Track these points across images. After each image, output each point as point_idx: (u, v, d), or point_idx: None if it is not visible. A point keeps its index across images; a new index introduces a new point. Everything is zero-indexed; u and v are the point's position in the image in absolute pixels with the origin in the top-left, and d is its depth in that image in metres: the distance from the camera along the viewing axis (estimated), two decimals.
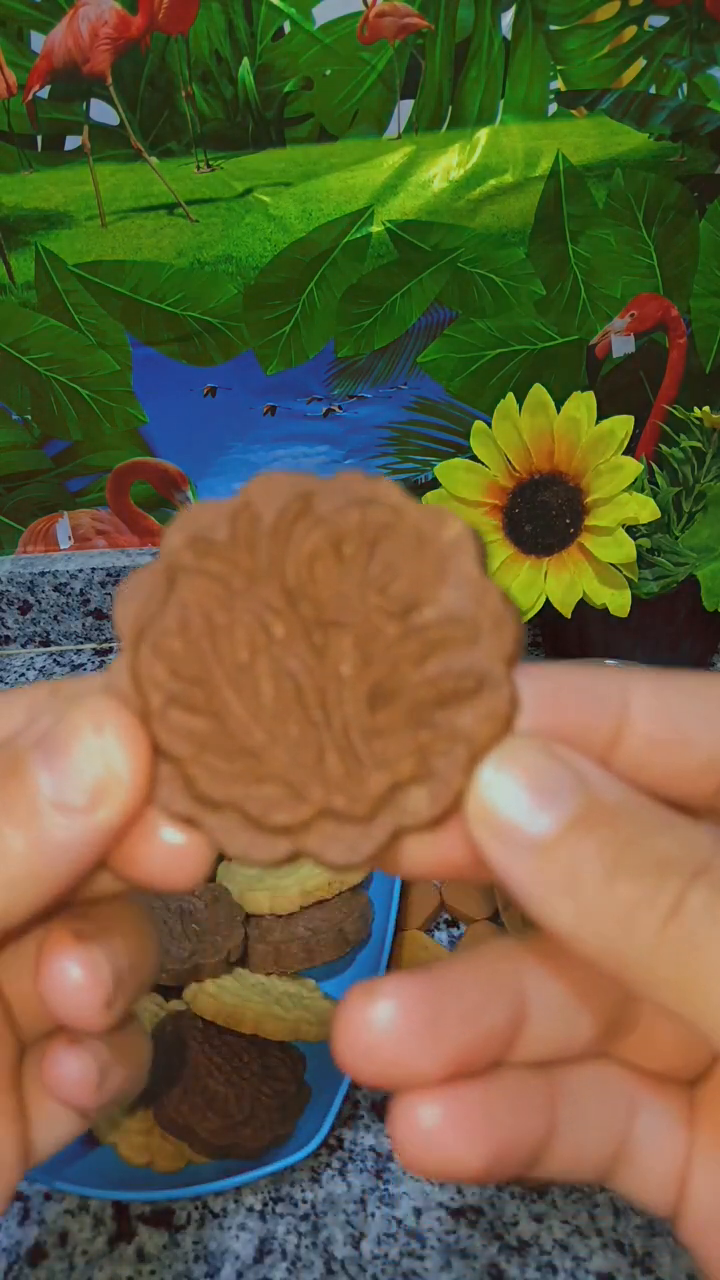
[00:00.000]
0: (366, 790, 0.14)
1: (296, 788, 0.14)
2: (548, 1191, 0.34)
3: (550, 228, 0.52)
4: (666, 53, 0.49)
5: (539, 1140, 0.15)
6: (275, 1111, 0.33)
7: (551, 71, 0.49)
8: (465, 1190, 0.34)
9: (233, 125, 0.49)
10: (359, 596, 0.14)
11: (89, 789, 0.14)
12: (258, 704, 0.14)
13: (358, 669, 0.14)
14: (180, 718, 0.14)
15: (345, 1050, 0.14)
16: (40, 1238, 0.34)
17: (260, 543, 0.15)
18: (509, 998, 0.15)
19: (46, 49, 0.48)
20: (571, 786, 0.14)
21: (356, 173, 0.50)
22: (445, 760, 0.14)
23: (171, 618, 0.15)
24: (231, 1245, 0.33)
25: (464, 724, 0.14)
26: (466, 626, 0.14)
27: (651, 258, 0.53)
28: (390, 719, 0.14)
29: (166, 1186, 0.32)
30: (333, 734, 0.14)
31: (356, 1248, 0.33)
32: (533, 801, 0.13)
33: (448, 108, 0.49)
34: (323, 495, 0.15)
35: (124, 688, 0.14)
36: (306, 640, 0.14)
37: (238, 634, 0.14)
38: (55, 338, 0.55)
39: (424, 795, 0.14)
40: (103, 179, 0.51)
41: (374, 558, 0.15)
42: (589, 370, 0.56)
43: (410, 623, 0.14)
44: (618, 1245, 0.33)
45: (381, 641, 0.14)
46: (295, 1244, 0.33)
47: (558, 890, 0.13)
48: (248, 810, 0.14)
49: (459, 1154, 0.14)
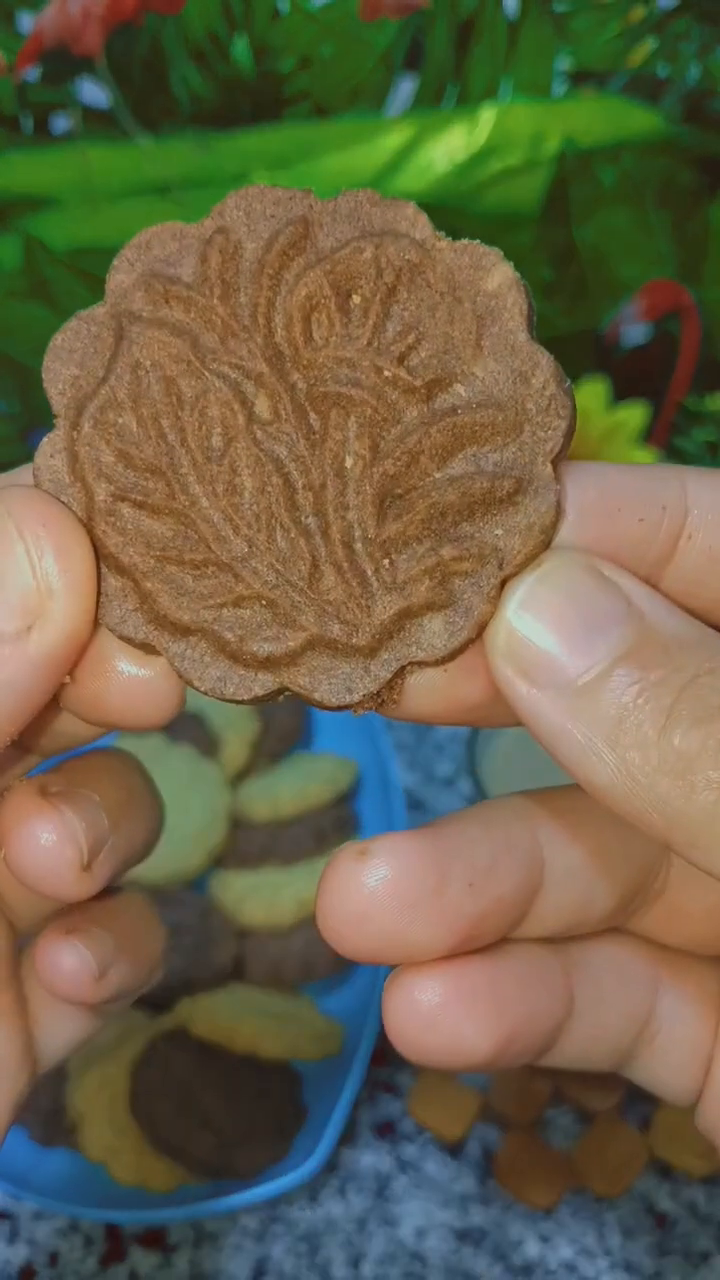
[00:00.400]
0: (370, 618, 0.11)
1: (283, 611, 0.11)
2: (555, 1211, 0.33)
3: (558, 211, 0.51)
4: (676, 33, 0.48)
5: (554, 1022, 0.14)
6: (271, 1132, 0.32)
7: (558, 51, 0.48)
8: (469, 1210, 0.33)
9: (228, 106, 0.48)
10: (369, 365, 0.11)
11: (17, 608, 0.11)
12: (234, 503, 0.11)
13: (365, 462, 0.11)
14: (134, 517, 0.11)
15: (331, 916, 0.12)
16: (30, 1258, 0.33)
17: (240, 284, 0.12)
18: (523, 861, 0.13)
19: (37, 29, 0.46)
20: (619, 614, 0.11)
21: (356, 153, 0.50)
22: (469, 583, 0.11)
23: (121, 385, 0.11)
24: (227, 1266, 0.33)
25: (495, 538, 0.11)
26: (507, 411, 0.11)
27: (663, 243, 0.52)
28: (403, 528, 0.11)
29: (159, 1207, 0.32)
30: (330, 545, 0.11)
31: (356, 1269, 0.32)
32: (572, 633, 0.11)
33: (451, 88, 0.48)
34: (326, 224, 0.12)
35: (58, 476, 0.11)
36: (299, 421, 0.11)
37: (209, 409, 0.11)
38: (42, 326, 0.54)
39: (440, 626, 0.11)
40: (94, 161, 0.50)
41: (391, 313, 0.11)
42: (599, 358, 0.55)
43: (436, 404, 0.11)
44: (627, 1266, 0.32)
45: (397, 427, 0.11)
46: (293, 1265, 0.33)
47: (599, 739, 0.11)
48: (222, 636, 0.11)
49: (464, 1036, 0.13)
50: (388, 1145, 0.35)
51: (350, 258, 0.11)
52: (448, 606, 0.11)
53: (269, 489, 0.11)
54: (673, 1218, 0.33)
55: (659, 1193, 0.33)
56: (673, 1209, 0.33)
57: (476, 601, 0.11)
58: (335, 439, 0.11)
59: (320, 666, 0.12)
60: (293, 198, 0.12)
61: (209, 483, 0.11)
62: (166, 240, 0.12)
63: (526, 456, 0.11)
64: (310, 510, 0.11)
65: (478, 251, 0.12)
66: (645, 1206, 0.33)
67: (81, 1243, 0.34)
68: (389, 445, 0.11)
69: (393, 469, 0.11)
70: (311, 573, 0.11)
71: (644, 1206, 0.33)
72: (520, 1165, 0.34)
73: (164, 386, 0.11)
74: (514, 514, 0.11)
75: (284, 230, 0.12)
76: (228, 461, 0.11)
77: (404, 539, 0.11)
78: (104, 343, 0.12)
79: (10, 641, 0.11)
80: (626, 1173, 0.33)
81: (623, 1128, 0.34)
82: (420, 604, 0.11)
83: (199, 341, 0.12)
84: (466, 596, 0.11)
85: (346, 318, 0.11)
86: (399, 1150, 0.35)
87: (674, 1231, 0.32)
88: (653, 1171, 0.34)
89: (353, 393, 0.11)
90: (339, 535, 0.11)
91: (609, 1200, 0.33)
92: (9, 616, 0.11)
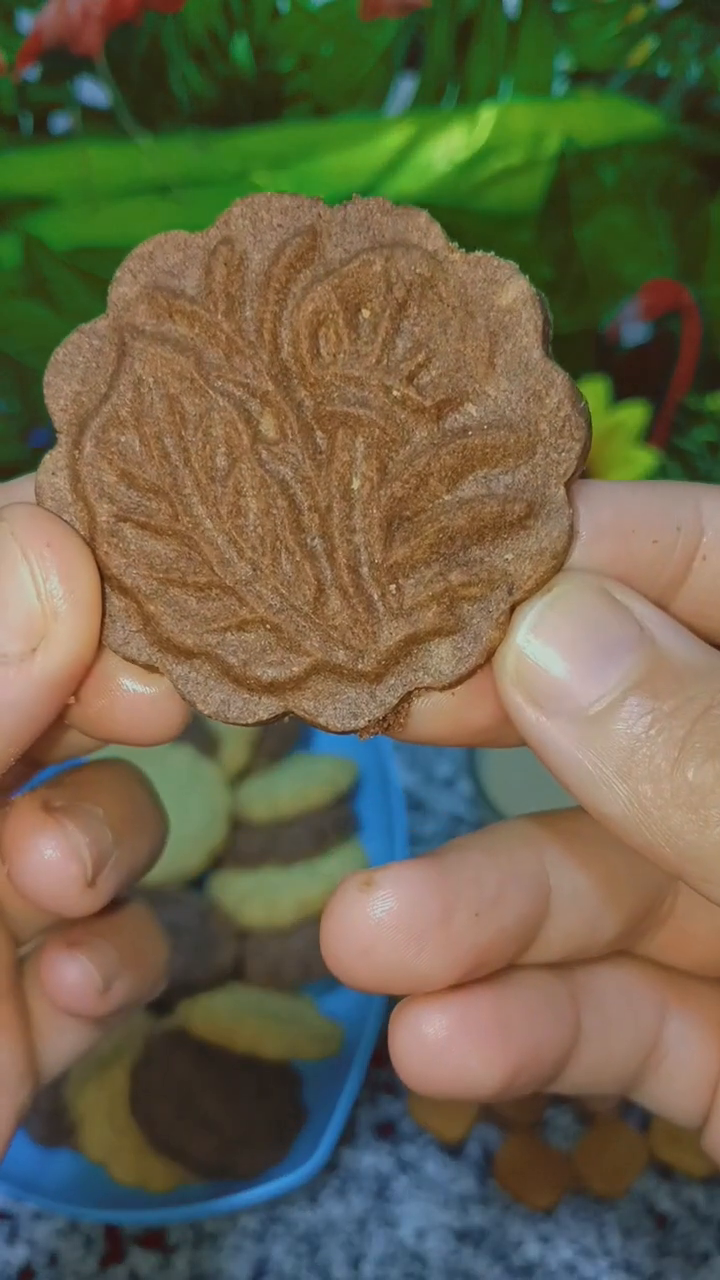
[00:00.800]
0: (376, 643, 0.11)
1: (287, 635, 0.11)
2: (555, 1211, 0.33)
3: (558, 210, 0.51)
4: (677, 32, 0.48)
5: (561, 1051, 0.13)
6: (271, 1132, 0.32)
7: (559, 50, 0.47)
8: (469, 1210, 0.33)
9: (228, 105, 0.48)
10: (378, 384, 0.11)
11: (22, 630, 0.11)
12: (239, 525, 0.11)
13: (372, 484, 0.11)
14: (137, 538, 0.11)
15: (336, 948, 0.12)
16: (30, 1258, 0.33)
17: (245, 297, 0.11)
18: (530, 889, 0.13)
19: (36, 28, 0.46)
20: (631, 641, 0.11)
21: (356, 152, 0.50)
22: (478, 609, 0.11)
23: (124, 402, 0.11)
24: (227, 1267, 0.33)
25: (505, 562, 0.11)
26: (520, 432, 0.11)
27: (663, 242, 0.52)
28: (411, 552, 0.11)
29: (159, 1207, 0.31)
30: (336, 569, 0.11)
31: (356, 1270, 0.32)
32: (584, 660, 0.11)
33: (451, 88, 0.48)
34: (335, 234, 0.11)
35: (60, 495, 0.11)
36: (305, 440, 0.11)
37: (213, 428, 0.11)
38: (42, 325, 0.54)
39: (448, 652, 0.11)
40: (93, 161, 0.50)
41: (401, 330, 0.11)
42: (599, 357, 0.55)
43: (446, 425, 0.11)
44: (627, 1266, 0.32)
45: (406, 448, 0.11)
46: (293, 1266, 0.32)
47: (610, 770, 0.10)
48: (225, 660, 0.11)
49: (471, 1069, 0.12)
50: (388, 1146, 0.35)
51: (359, 271, 0.11)
52: (456, 632, 0.11)
53: (274, 511, 0.11)
54: (673, 1218, 0.33)
55: (659, 1193, 0.33)
56: (673, 1209, 0.33)
57: (485, 627, 0.11)
58: (342, 460, 0.11)
59: (325, 691, 0.11)
60: (300, 206, 0.12)
61: (213, 504, 0.11)
62: (170, 251, 0.12)
63: (539, 479, 0.11)
64: (316, 532, 0.11)
65: (492, 265, 0.11)
66: (645, 1207, 0.33)
67: (81, 1243, 0.33)
68: (397, 467, 0.11)
69: (401, 491, 0.11)
70: (317, 597, 0.11)
71: (644, 1207, 0.33)
72: (520, 1166, 0.34)
73: (167, 404, 0.11)
74: (525, 538, 0.11)
75: (291, 241, 0.11)
76: (232, 482, 0.11)
77: (411, 563, 0.11)
78: (106, 358, 0.11)
79: (14, 663, 0.11)
80: (626, 1173, 0.33)
81: (623, 1128, 0.34)
82: (428, 630, 0.11)
83: (203, 358, 0.11)
84: (475, 622, 0.11)
85: (355, 333, 0.11)
86: (399, 1151, 0.35)
87: (674, 1232, 0.32)
88: (653, 1172, 0.34)
89: (360, 413, 0.11)
90: (345, 559, 0.11)
91: (609, 1201, 0.33)
92: (13, 638, 0.11)
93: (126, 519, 0.11)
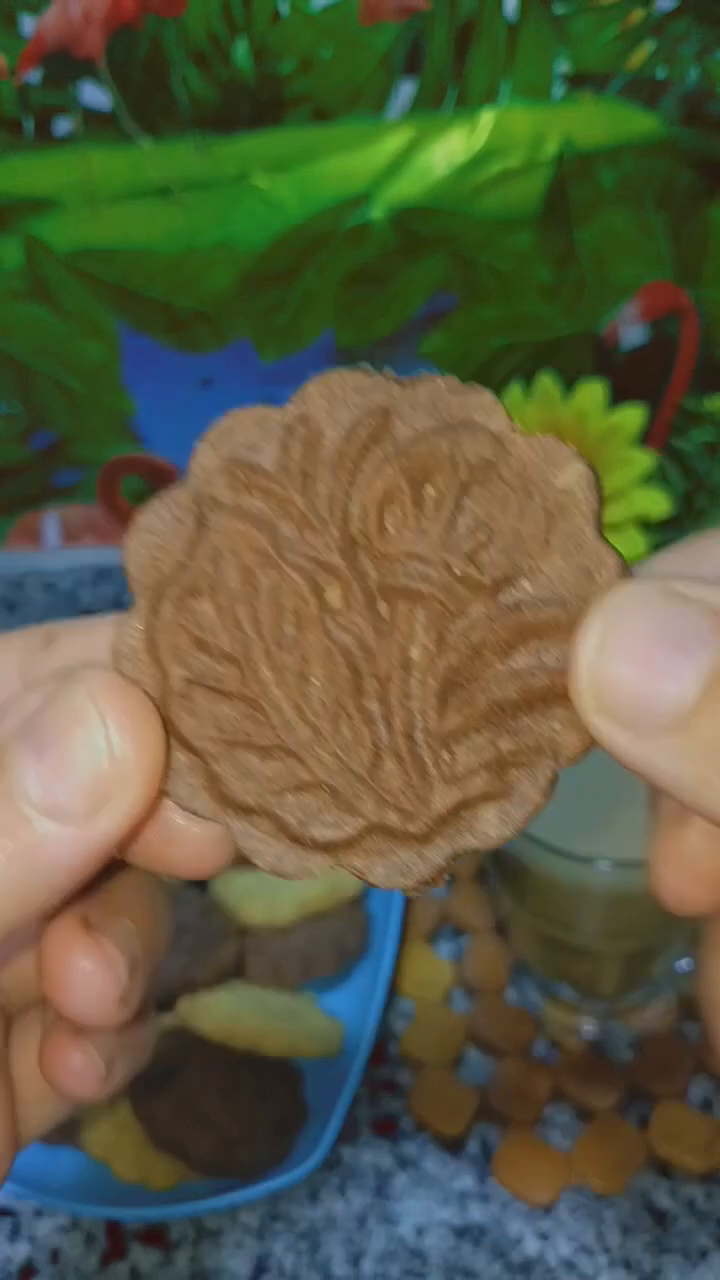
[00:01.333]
0: (428, 808, 0.12)
1: (344, 798, 0.12)
2: (553, 1208, 0.33)
3: (557, 213, 0.51)
4: (675, 35, 0.48)
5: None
6: (271, 1129, 0.33)
7: (557, 53, 0.48)
8: (469, 1207, 0.33)
9: (228, 108, 0.49)
10: (439, 560, 0.11)
11: (88, 791, 0.11)
12: (303, 691, 0.12)
13: (429, 654, 0.12)
14: (207, 702, 0.12)
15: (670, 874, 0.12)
16: (31, 1255, 0.33)
17: (319, 474, 0.12)
18: None
19: (38, 32, 0.47)
20: (705, 631, 0.10)
21: (356, 156, 0.50)
22: (525, 775, 0.11)
23: (201, 571, 0.12)
24: (228, 1264, 0.33)
25: (553, 731, 0.11)
26: (571, 609, 0.11)
27: (662, 244, 0.52)
28: (464, 720, 0.12)
29: (160, 1204, 0.32)
30: (392, 735, 0.12)
31: (356, 1266, 0.32)
32: (657, 662, 0.10)
33: (450, 91, 0.48)
34: (405, 413, 0.12)
35: (137, 658, 0.12)
36: (369, 610, 0.12)
37: (284, 599, 0.12)
38: (43, 326, 0.54)
39: (494, 815, 0.12)
40: (94, 163, 0.50)
41: (463, 508, 0.12)
42: (598, 360, 0.55)
43: (503, 599, 0.11)
44: (625, 1263, 0.32)
45: (463, 620, 0.11)
46: (293, 1263, 0.33)
47: (713, 770, 0.10)
48: (284, 819, 0.12)
49: None
50: (388, 1143, 0.35)
51: (427, 452, 0.12)
52: (503, 797, 0.12)
53: (337, 679, 0.12)
54: (671, 1215, 0.33)
55: (658, 1190, 0.33)
56: (671, 1206, 0.33)
57: (531, 793, 0.12)
58: (403, 630, 0.12)
59: (376, 849, 0.12)
60: (375, 385, 0.12)
61: (279, 670, 0.12)
62: (249, 426, 0.12)
63: None
64: (375, 698, 0.12)
65: (551, 446, 0.12)
66: (644, 1204, 0.33)
67: (83, 1240, 0.34)
68: (454, 638, 0.12)
69: (456, 661, 0.12)
70: (373, 760, 0.12)
71: (643, 1204, 0.33)
72: (519, 1163, 0.34)
73: (241, 576, 0.12)
74: (572, 708, 0.11)
75: (364, 421, 0.12)
76: (299, 650, 0.12)
77: (464, 730, 0.12)
78: (185, 527, 0.12)
79: (76, 821, 0.11)
80: (625, 1170, 0.34)
81: (622, 1125, 0.35)
82: (477, 795, 0.12)
83: (277, 532, 0.12)
84: (522, 787, 0.12)
85: (420, 510, 0.12)
86: (399, 1148, 0.35)
87: (673, 1229, 0.33)
88: (651, 1169, 0.34)
89: (422, 587, 0.12)
90: (401, 725, 0.12)
91: (608, 1198, 0.33)
92: (79, 798, 0.11)
93: (198, 683, 0.12)
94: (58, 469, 0.59)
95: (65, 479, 0.59)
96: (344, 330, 0.54)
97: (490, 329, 0.54)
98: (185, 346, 0.55)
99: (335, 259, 0.52)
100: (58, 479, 0.59)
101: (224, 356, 0.55)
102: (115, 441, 0.58)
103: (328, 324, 0.54)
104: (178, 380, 0.55)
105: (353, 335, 0.54)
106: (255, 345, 0.55)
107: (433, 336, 0.55)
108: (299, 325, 0.54)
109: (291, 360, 0.55)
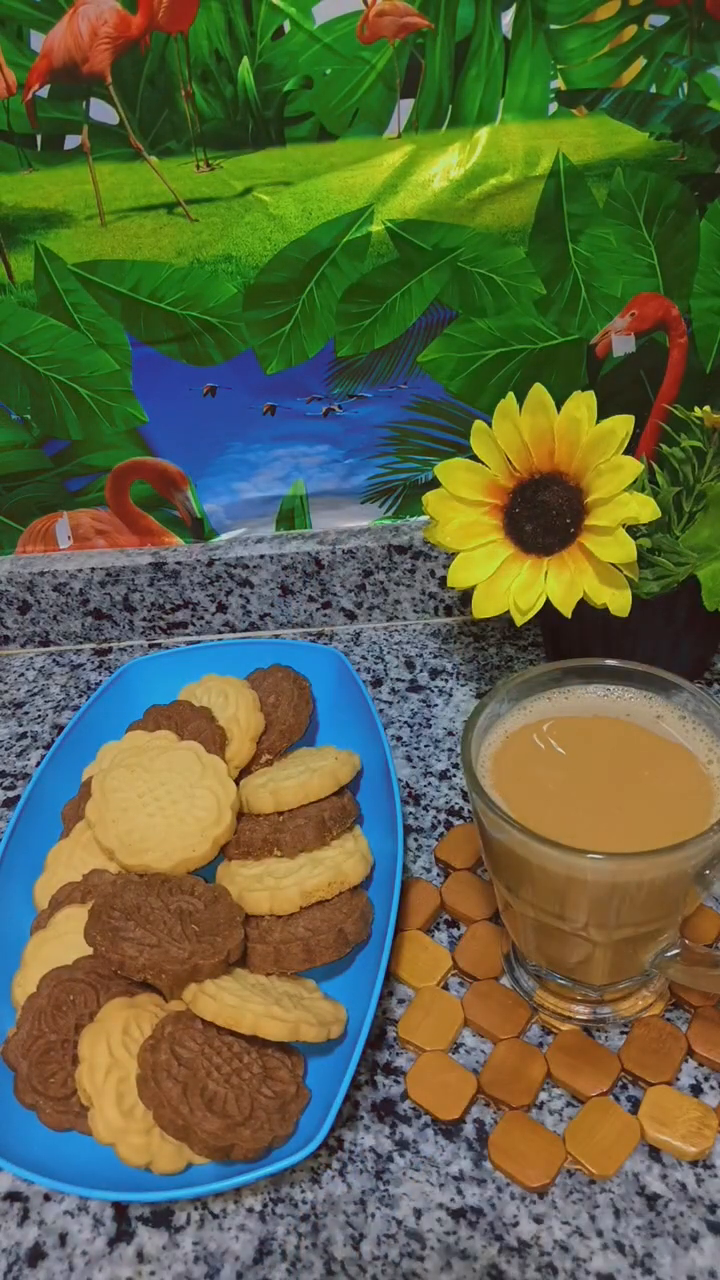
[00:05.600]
0: None
1: None
2: (547, 1193, 0.34)
3: (551, 227, 0.52)
4: (667, 52, 0.49)
5: None
6: (275, 1112, 0.33)
7: (552, 70, 0.48)
8: (465, 1191, 0.34)
9: (232, 124, 0.49)
10: None
11: None
12: None
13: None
14: None
15: None
16: (39, 1238, 0.34)
17: None
18: None
19: (46, 48, 0.47)
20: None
21: (356, 172, 0.50)
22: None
23: None
24: (231, 1246, 0.33)
25: None
26: None
27: (652, 257, 0.53)
28: None
29: (166, 1187, 0.32)
30: None
31: (356, 1249, 0.33)
32: None
33: (448, 107, 0.49)
34: None
35: None
36: None
37: None
38: (54, 337, 0.55)
39: None
40: (102, 178, 0.51)
41: None
42: (589, 369, 0.56)
43: None
44: (618, 1246, 0.32)
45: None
46: (295, 1245, 0.33)
47: None
48: None
49: None
50: (387, 1127, 0.36)
51: None
52: None
53: None
54: (663, 1199, 0.33)
55: (650, 1174, 0.34)
56: (663, 1190, 0.33)
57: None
58: None
59: None
60: None
61: None
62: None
63: None
64: None
65: None
66: (636, 1188, 0.33)
67: (90, 1223, 0.34)
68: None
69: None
70: None
71: (635, 1188, 0.33)
72: (514, 1146, 0.34)
73: None
74: None
75: None
76: None
77: None
78: None
79: None
80: (617, 1154, 0.34)
81: (614, 1110, 0.35)
82: None
83: None
84: None
85: None
86: (398, 1131, 0.36)
87: (664, 1213, 0.33)
88: (643, 1153, 0.34)
89: None
90: None
91: (601, 1181, 0.34)
92: None
93: None
94: (69, 475, 0.60)
95: (76, 485, 0.60)
96: (344, 341, 0.55)
97: (485, 340, 0.55)
98: (190, 359, 0.56)
99: (336, 272, 0.53)
100: (69, 485, 0.60)
101: (228, 369, 0.56)
102: (126, 449, 0.59)
103: (329, 337, 0.55)
104: (184, 390, 0.56)
105: (352, 346, 0.55)
106: (258, 357, 0.56)
107: (430, 347, 0.55)
108: (301, 338, 0.55)
109: (293, 371, 0.56)
